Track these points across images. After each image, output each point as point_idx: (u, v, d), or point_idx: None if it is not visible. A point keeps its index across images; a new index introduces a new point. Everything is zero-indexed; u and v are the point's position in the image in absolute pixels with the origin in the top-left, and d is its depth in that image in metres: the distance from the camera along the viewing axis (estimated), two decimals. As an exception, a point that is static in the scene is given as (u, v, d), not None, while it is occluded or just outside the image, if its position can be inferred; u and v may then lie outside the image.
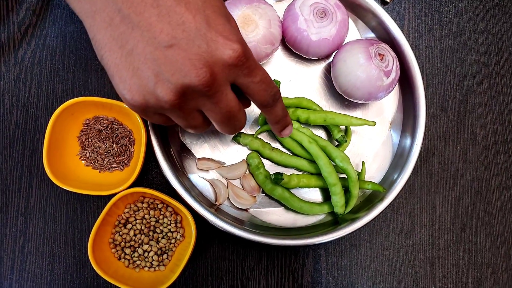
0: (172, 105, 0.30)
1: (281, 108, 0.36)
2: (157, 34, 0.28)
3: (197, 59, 0.28)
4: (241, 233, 0.42)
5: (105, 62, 0.30)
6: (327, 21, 0.43)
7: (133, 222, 0.44)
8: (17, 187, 0.46)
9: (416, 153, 0.44)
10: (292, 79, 0.48)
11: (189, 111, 0.32)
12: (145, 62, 0.29)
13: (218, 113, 0.32)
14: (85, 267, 0.45)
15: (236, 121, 0.34)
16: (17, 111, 0.47)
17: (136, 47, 0.29)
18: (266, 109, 0.35)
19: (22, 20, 0.48)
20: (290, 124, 0.39)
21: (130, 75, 0.29)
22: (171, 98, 0.29)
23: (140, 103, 0.30)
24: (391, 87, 0.44)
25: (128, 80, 0.29)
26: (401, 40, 0.46)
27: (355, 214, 0.45)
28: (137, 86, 0.29)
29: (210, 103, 0.31)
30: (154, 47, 0.28)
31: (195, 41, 0.28)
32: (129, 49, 0.29)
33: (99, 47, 0.30)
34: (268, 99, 0.33)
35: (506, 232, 0.48)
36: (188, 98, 0.30)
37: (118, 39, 0.29)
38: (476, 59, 0.51)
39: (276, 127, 0.38)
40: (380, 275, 0.47)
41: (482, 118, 0.50)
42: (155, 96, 0.29)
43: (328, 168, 0.43)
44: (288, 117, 0.38)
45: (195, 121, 0.34)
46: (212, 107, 0.32)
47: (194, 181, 0.46)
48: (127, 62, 0.29)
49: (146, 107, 0.30)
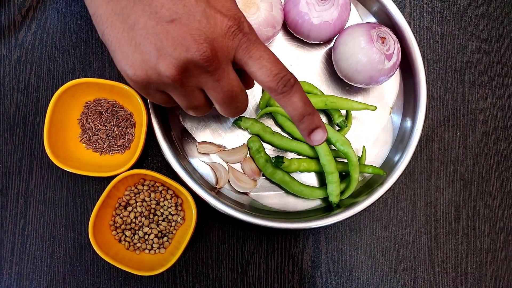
0: (174, 80, 0.30)
1: (300, 100, 0.31)
2: (159, 9, 0.28)
3: (198, 34, 0.29)
4: (241, 216, 0.42)
5: (107, 38, 0.30)
6: (329, 5, 0.43)
7: (134, 204, 0.44)
8: (17, 169, 0.46)
9: (417, 138, 0.45)
10: (293, 64, 0.48)
11: (191, 89, 0.32)
12: (147, 36, 0.29)
13: (220, 91, 0.32)
14: (86, 249, 0.45)
15: (238, 102, 0.34)
16: (17, 93, 0.47)
17: (138, 21, 0.29)
18: (277, 95, 0.31)
19: (23, 2, 0.48)
20: (321, 128, 0.33)
21: (132, 50, 0.29)
22: (173, 73, 0.29)
23: (142, 79, 0.30)
24: (392, 71, 0.44)
25: (130, 55, 0.29)
26: (403, 25, 0.46)
27: (355, 198, 0.45)
28: (139, 61, 0.29)
29: (211, 80, 0.31)
30: (156, 21, 0.28)
31: (196, 17, 0.29)
32: (130, 24, 0.29)
33: (100, 23, 0.30)
34: (274, 80, 0.30)
35: (505, 218, 0.49)
36: (190, 74, 0.30)
37: (119, 14, 0.29)
38: (477, 45, 0.51)
39: (301, 128, 0.33)
40: (379, 260, 0.47)
41: (482, 104, 0.50)
42: (157, 71, 0.29)
43: (327, 157, 0.43)
44: (317, 117, 0.32)
45: (197, 101, 0.33)
46: (213, 85, 0.31)
47: (195, 164, 0.46)
48: (129, 37, 0.29)
49: (148, 83, 0.30)
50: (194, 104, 0.34)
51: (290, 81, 0.31)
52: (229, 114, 0.35)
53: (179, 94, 0.32)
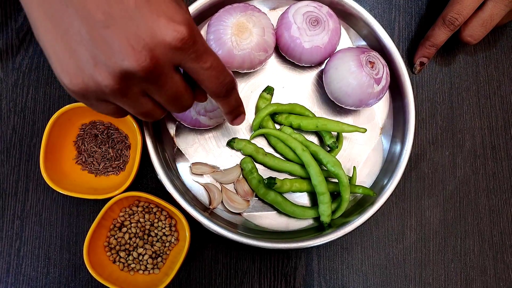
0: (112, 90, 0.27)
1: (235, 99, 0.35)
2: (93, 12, 0.26)
3: (136, 41, 0.26)
4: (234, 237, 0.42)
5: (41, 43, 0.27)
6: (320, 29, 0.45)
7: (128, 225, 0.45)
8: (13, 191, 0.47)
9: (406, 159, 0.46)
10: (285, 86, 0.49)
11: (134, 97, 0.29)
12: (82, 43, 0.26)
13: (163, 95, 0.30)
14: (80, 270, 0.46)
15: (183, 101, 0.32)
16: (14, 116, 0.47)
17: (71, 26, 0.26)
18: (219, 99, 0.33)
19: (21, 27, 0.49)
20: (243, 113, 0.38)
21: (67, 57, 0.27)
22: (110, 83, 0.27)
23: (80, 88, 0.27)
24: (382, 94, 0.45)
25: (65, 62, 0.27)
26: (391, 48, 0.47)
27: (346, 218, 0.46)
28: (74, 68, 0.27)
29: (154, 87, 0.29)
30: (90, 26, 0.26)
31: (134, 21, 0.26)
32: (64, 28, 0.26)
33: (34, 26, 0.27)
34: (220, 87, 0.31)
35: (494, 236, 0.50)
36: (130, 83, 0.28)
37: (52, 17, 0.26)
38: (465, 66, 0.52)
39: (228, 117, 0.37)
40: (371, 278, 0.48)
41: (470, 124, 0.51)
42: (94, 80, 0.27)
43: (319, 177, 0.44)
44: (242, 107, 0.37)
45: (145, 107, 0.31)
46: (156, 91, 0.29)
47: (189, 185, 0.46)
48: (63, 42, 0.27)
49: (86, 92, 0.28)
50: (143, 111, 0.31)
51: (231, 85, 0.33)
52: (175, 112, 0.33)
53: (123, 103, 0.30)
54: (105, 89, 0.27)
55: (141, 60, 0.26)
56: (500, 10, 0.45)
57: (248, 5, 0.45)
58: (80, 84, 0.27)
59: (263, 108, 0.46)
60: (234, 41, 0.43)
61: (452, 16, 0.45)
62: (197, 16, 0.47)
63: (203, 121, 0.43)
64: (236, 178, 0.46)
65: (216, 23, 0.44)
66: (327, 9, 0.46)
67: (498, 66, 0.52)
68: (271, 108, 0.46)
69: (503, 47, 0.53)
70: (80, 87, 0.27)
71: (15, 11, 0.49)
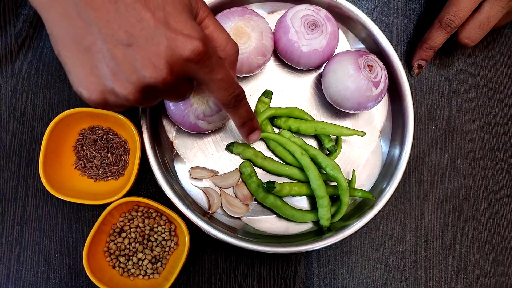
0: (132, 102, 0.30)
1: (246, 110, 0.36)
2: (115, 31, 0.27)
3: (157, 58, 0.28)
4: (234, 241, 0.42)
5: (62, 58, 0.29)
6: (318, 33, 0.45)
7: (128, 230, 0.45)
8: (13, 196, 0.47)
9: (405, 162, 0.46)
10: (284, 89, 0.49)
11: (148, 102, 0.32)
12: (103, 60, 0.28)
13: (172, 98, 0.33)
14: (80, 275, 0.46)
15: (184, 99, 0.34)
16: (13, 121, 0.48)
17: (94, 44, 0.28)
18: (228, 109, 0.35)
19: (19, 32, 0.49)
20: (258, 129, 0.39)
21: (87, 73, 0.28)
22: (131, 97, 0.29)
23: (99, 101, 0.30)
24: (380, 97, 0.45)
25: (85, 78, 0.29)
26: (390, 51, 0.47)
27: (346, 221, 0.46)
28: (95, 84, 0.29)
29: (167, 94, 0.31)
30: (113, 44, 0.27)
31: (154, 39, 0.28)
32: (86, 46, 0.28)
33: (56, 43, 0.29)
34: (229, 98, 0.33)
35: (493, 239, 0.49)
36: (148, 94, 0.30)
37: (74, 35, 0.28)
38: (463, 68, 0.52)
39: (242, 131, 0.39)
40: (371, 282, 0.48)
41: (469, 127, 0.51)
42: (115, 94, 0.29)
43: (318, 181, 0.44)
44: (256, 121, 0.38)
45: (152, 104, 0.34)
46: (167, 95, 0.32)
47: (188, 189, 0.46)
48: (84, 59, 0.28)
49: (105, 104, 0.30)
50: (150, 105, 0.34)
51: (240, 96, 0.35)
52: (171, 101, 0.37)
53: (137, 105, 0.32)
54: (125, 102, 0.30)
55: (162, 77, 0.28)
56: (497, 11, 0.45)
57: (246, 9, 0.45)
58: (100, 99, 0.29)
59: (262, 112, 0.46)
60: (233, 46, 0.43)
61: (449, 19, 0.46)
62: (196, 20, 0.47)
63: (202, 125, 0.43)
64: (236, 182, 0.46)
65: (214, 27, 0.44)
66: (325, 12, 0.46)
67: (496, 68, 0.52)
68: (270, 112, 0.46)
69: (501, 49, 0.53)
70: (99, 101, 0.29)
71: (14, 16, 0.49)
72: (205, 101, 0.41)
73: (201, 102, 0.41)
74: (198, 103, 0.41)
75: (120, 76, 0.28)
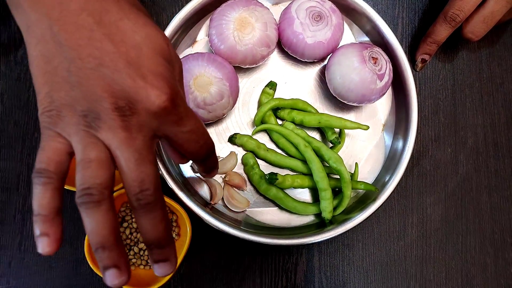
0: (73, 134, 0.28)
1: (213, 162, 0.36)
2: (83, 56, 0.27)
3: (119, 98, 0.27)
4: (236, 233, 0.42)
5: (33, 78, 0.29)
6: (322, 25, 0.44)
7: (129, 220, 0.45)
8: (15, 185, 0.47)
9: (408, 155, 0.45)
10: (288, 81, 0.49)
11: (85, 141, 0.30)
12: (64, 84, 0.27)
13: None
14: (82, 264, 0.46)
15: None
16: (17, 110, 0.47)
17: (59, 67, 0.27)
18: (197, 162, 0.35)
19: (22, 21, 0.48)
20: (216, 169, 0.39)
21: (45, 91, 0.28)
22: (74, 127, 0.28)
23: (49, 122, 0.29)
24: (384, 90, 0.45)
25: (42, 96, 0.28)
26: (395, 44, 0.47)
27: (347, 214, 0.45)
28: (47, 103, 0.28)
29: None
30: (78, 68, 0.27)
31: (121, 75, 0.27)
32: (53, 67, 0.28)
33: (30, 62, 0.29)
34: (199, 151, 0.32)
35: (495, 233, 0.49)
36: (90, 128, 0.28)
37: (45, 56, 0.28)
38: (468, 63, 0.52)
39: (202, 173, 0.39)
40: (372, 275, 0.48)
41: (473, 122, 0.51)
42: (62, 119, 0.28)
43: (321, 173, 0.44)
44: (217, 167, 0.39)
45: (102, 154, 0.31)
46: None
47: (190, 180, 0.46)
48: (46, 79, 0.28)
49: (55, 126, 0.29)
50: None
51: (210, 149, 0.33)
52: None
53: None
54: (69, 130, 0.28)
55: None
56: (502, 6, 0.45)
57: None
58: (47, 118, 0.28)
59: (265, 103, 0.46)
60: (237, 36, 0.43)
61: (453, 13, 0.45)
62: (199, 10, 0.47)
63: (202, 114, 0.42)
64: (234, 166, 0.46)
65: (218, 17, 0.44)
66: (330, 4, 0.45)
67: (501, 63, 0.52)
68: (273, 103, 0.46)
69: (506, 44, 0.52)
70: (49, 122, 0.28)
71: (17, 5, 0.49)
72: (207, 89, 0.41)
73: (202, 90, 0.41)
74: (199, 90, 0.41)
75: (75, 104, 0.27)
